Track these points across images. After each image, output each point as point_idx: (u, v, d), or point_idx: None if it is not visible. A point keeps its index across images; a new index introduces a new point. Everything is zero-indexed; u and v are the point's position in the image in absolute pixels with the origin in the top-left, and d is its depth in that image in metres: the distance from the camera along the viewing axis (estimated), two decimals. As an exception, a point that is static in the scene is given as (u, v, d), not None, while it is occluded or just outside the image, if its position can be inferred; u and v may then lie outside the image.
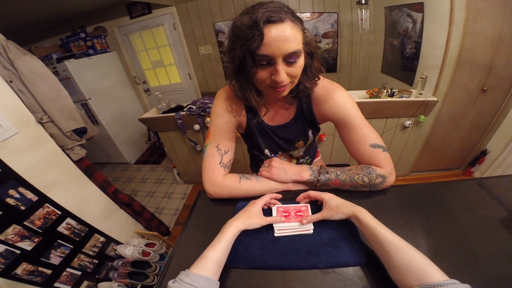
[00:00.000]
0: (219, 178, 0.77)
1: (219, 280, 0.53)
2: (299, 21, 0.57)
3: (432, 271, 0.44)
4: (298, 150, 0.95)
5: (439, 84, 1.83)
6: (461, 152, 2.36)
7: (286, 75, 0.59)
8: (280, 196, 0.77)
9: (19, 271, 1.09)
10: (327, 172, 0.75)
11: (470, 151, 2.34)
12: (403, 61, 2.20)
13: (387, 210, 0.73)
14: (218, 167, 0.77)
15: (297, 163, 1.03)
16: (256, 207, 0.67)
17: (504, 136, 2.02)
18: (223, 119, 0.79)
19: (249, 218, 0.63)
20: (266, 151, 0.93)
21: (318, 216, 0.65)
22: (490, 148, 2.16)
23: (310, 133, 0.87)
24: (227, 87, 0.79)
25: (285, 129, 0.84)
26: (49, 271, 1.21)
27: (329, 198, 0.65)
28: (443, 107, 1.96)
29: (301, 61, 0.60)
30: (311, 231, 0.64)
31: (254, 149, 0.97)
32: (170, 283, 0.48)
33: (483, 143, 2.23)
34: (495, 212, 0.68)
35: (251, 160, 1.16)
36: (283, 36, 0.53)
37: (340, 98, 0.74)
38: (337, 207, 0.62)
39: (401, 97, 1.91)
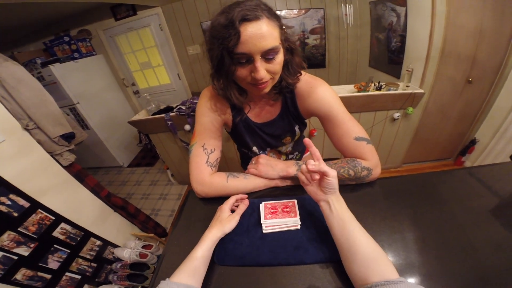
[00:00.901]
0: (206, 177, 0.77)
1: (206, 280, 0.55)
2: (275, 17, 0.58)
3: (391, 268, 0.46)
4: (286, 146, 0.96)
5: (425, 76, 1.86)
6: (451, 142, 2.41)
7: (266, 72, 0.59)
8: (246, 196, 0.77)
9: (18, 276, 1.10)
10: None
11: (459, 141, 2.39)
12: (389, 54, 2.23)
13: (374, 203, 0.72)
14: (205, 166, 0.77)
15: (286, 159, 1.04)
16: (224, 211, 0.67)
17: (492, 125, 2.07)
18: (208, 118, 0.80)
19: (221, 224, 0.63)
20: (254, 148, 0.93)
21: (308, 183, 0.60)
22: (479, 137, 2.21)
23: (296, 128, 0.88)
24: (211, 86, 0.79)
25: (271, 125, 0.85)
26: (48, 276, 1.22)
27: (334, 178, 0.55)
28: (430, 99, 2.00)
29: (280, 58, 0.60)
30: (299, 227, 0.66)
31: (243, 147, 0.98)
32: None
33: (472, 133, 2.28)
34: (484, 202, 0.68)
35: (241, 158, 1.17)
36: (259, 34, 0.53)
37: (322, 93, 0.74)
38: (334, 190, 0.57)
39: (389, 90, 1.94)
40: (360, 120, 2.10)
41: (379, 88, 1.97)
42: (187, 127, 2.13)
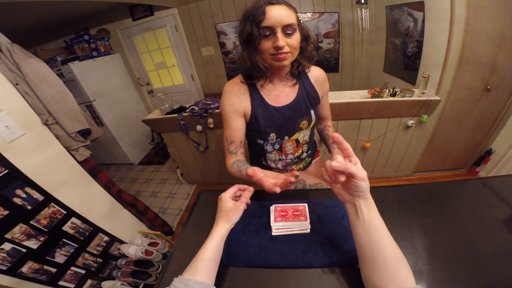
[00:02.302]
0: (227, 162, 0.95)
1: (216, 280, 0.54)
2: (293, 8, 0.75)
3: (410, 278, 0.45)
4: (304, 134, 1.02)
5: (441, 83, 1.81)
6: (466, 152, 2.33)
7: (286, 44, 0.73)
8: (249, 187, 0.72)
9: (24, 269, 1.11)
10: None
11: (474, 151, 2.31)
12: (405, 60, 2.19)
13: (385, 209, 0.71)
14: (227, 154, 0.96)
15: (300, 155, 1.09)
16: (225, 201, 0.63)
17: (509, 135, 1.99)
18: (229, 112, 0.91)
19: (227, 215, 0.60)
20: (272, 135, 0.97)
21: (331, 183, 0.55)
22: (495, 148, 2.13)
23: (312, 112, 0.98)
24: (230, 81, 0.93)
25: (289, 108, 0.93)
26: (54, 270, 1.23)
27: (362, 180, 0.49)
28: (446, 106, 1.94)
29: (297, 35, 0.75)
30: (308, 230, 0.65)
31: (259, 137, 1.00)
32: None
33: (488, 143, 2.20)
34: (496, 213, 0.68)
35: (252, 153, 1.17)
36: (281, 12, 0.70)
37: (327, 80, 1.01)
38: (363, 193, 0.51)
39: (403, 96, 1.90)
40: (372, 126, 2.07)
41: (393, 95, 1.93)
42: (199, 127, 2.15)
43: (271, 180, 0.60)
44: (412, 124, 1.99)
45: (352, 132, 2.13)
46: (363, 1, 2.51)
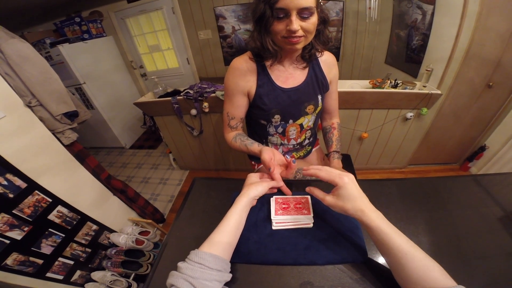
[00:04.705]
0: (227, 135, 1.01)
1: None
2: None
3: (442, 278, 0.41)
4: (308, 119, 1.00)
5: (444, 77, 1.79)
6: (460, 147, 2.34)
7: (300, 28, 0.68)
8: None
9: (9, 261, 1.06)
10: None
11: (469, 146, 2.32)
12: (408, 52, 2.15)
13: (389, 204, 0.72)
14: (227, 128, 1.00)
15: (303, 141, 1.09)
16: (251, 177, 0.69)
17: (504, 132, 2.00)
18: (233, 90, 0.89)
19: (247, 188, 0.63)
20: (277, 116, 0.94)
21: (320, 195, 0.56)
22: (489, 144, 2.14)
23: (319, 97, 0.96)
24: (239, 57, 0.89)
25: (297, 91, 0.90)
26: (40, 261, 1.17)
27: (344, 185, 0.51)
28: (446, 101, 1.92)
29: (313, 19, 0.69)
30: (311, 225, 0.61)
31: (262, 118, 0.97)
32: (179, 263, 0.47)
33: (482, 139, 2.21)
34: (497, 211, 0.67)
35: (253, 133, 1.12)
36: None
37: (336, 65, 0.98)
38: (348, 199, 0.51)
39: (405, 88, 1.87)
40: (371, 117, 2.05)
41: (395, 86, 1.89)
42: (194, 111, 2.08)
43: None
44: (411, 116, 1.98)
45: (350, 121, 2.11)
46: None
